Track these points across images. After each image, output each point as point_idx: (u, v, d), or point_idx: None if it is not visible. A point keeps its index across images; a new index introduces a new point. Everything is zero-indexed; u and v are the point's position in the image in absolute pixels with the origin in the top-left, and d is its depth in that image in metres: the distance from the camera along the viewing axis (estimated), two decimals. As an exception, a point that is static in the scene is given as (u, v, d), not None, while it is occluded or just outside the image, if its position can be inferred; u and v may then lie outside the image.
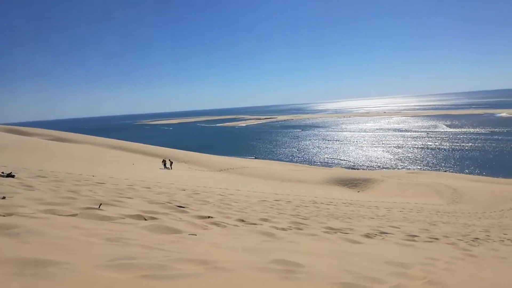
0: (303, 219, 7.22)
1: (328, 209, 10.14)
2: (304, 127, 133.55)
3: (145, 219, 4.71)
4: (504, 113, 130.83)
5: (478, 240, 7.16)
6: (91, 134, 69.78)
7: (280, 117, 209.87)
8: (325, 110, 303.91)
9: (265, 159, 64.71)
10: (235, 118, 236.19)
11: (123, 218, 4.50)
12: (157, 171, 28.42)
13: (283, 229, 5.47)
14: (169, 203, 6.72)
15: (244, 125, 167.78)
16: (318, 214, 8.55)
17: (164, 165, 33.35)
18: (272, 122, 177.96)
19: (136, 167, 29.36)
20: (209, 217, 5.64)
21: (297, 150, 78.65)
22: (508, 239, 7.96)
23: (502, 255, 5.65)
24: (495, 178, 40.55)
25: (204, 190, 12.44)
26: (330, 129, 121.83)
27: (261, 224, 5.59)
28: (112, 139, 59.03)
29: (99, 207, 5.04)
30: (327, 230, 5.88)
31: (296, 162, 62.70)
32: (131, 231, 3.84)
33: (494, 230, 9.55)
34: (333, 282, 2.92)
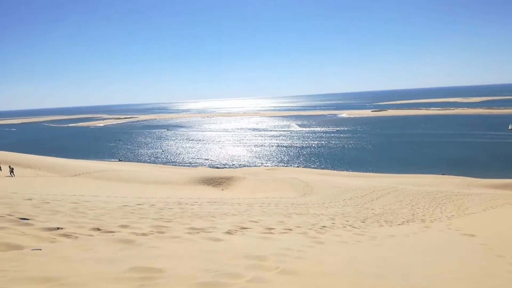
0: (166, 221, 7.07)
1: (192, 209, 10.15)
2: (168, 127, 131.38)
3: (-25, 238, 4.01)
4: (344, 114, 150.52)
5: (325, 227, 8.03)
6: None
7: (142, 117, 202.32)
8: (189, 110, 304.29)
9: (128, 161, 61.64)
10: (92, 117, 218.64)
11: None
12: (-5, 179, 24.47)
13: (144, 234, 5.27)
14: (10, 215, 5.84)
15: (102, 125, 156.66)
16: (183, 215, 8.49)
17: (11, 172, 28.89)
18: (133, 122, 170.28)
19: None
20: (58, 228, 5.09)
21: (162, 150, 76.95)
22: (350, 225, 9.13)
23: (344, 240, 6.46)
24: (339, 171, 46.36)
25: (55, 199, 11.18)
26: (194, 129, 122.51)
27: (120, 232, 5.28)
28: None
29: None
30: (190, 231, 5.87)
31: (161, 163, 61.29)
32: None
33: (338, 218, 10.87)
34: (192, 283, 2.93)
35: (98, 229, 5.36)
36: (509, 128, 78.76)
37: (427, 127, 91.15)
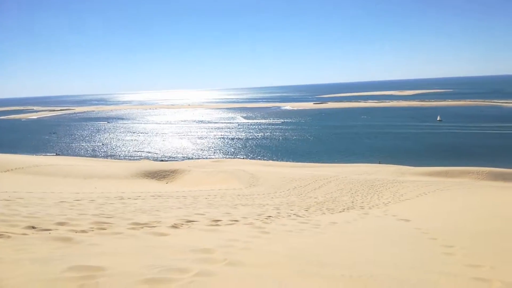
0: (107, 217, 6.78)
1: (135, 203, 9.83)
2: (108, 119, 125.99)
3: None
4: (288, 106, 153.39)
5: (271, 217, 8.14)
6: None
7: (79, 109, 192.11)
8: (130, 102, 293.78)
9: (66, 155, 58.37)
10: (23, 109, 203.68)
11: None
12: None
13: (84, 231, 5.01)
14: None
15: (35, 117, 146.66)
16: (125, 210, 8.19)
17: None
18: (69, 114, 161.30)
19: None
20: (-13, 228, 4.69)
21: (102, 144, 73.75)
22: (294, 214, 9.33)
23: (289, 229, 6.59)
24: (284, 162, 47.29)
25: (-17, 197, 10.32)
26: (136, 121, 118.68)
27: (57, 229, 4.98)
28: None
29: None
30: (133, 226, 5.68)
31: (101, 157, 58.75)
32: None
33: (283, 207, 11.08)
34: (136, 280, 2.84)
35: (33, 227, 5.01)
36: (437, 119, 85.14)
37: (365, 119, 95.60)
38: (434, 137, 64.14)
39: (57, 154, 60.24)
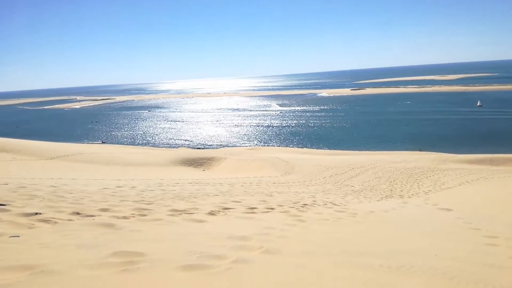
0: (147, 204, 6.99)
1: (174, 190, 10.07)
2: (147, 108, 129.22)
3: None
4: (324, 93, 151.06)
5: (307, 205, 8.10)
6: None
7: (119, 98, 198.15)
8: (167, 91, 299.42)
9: (110, 143, 60.66)
10: (67, 99, 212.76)
11: None
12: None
13: (125, 217, 5.19)
14: (-16, 202, 5.66)
15: (78, 107, 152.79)
16: (164, 197, 8.41)
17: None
18: (110, 103, 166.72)
19: None
20: (37, 213, 4.96)
21: (141, 132, 75.91)
22: (330, 202, 9.24)
23: (325, 217, 6.53)
24: (319, 150, 46.82)
25: (32, 182, 10.90)
26: (174, 110, 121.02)
27: (100, 215, 5.19)
28: None
29: None
30: (172, 213, 5.82)
31: (140, 144, 60.54)
32: None
33: (319, 196, 10.99)
34: (176, 266, 2.91)
35: (78, 213, 5.25)
36: (478, 104, 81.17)
37: (404, 105, 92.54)
38: (474, 123, 61.27)
39: (103, 142, 62.60)
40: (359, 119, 74.82)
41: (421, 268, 3.28)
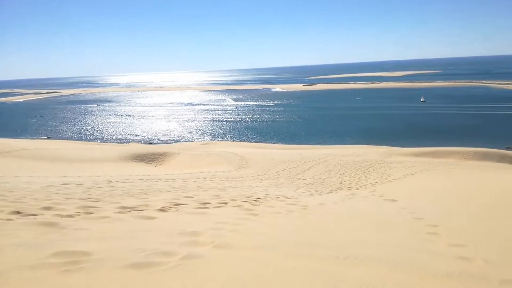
0: (94, 201, 6.73)
1: (123, 187, 9.77)
2: (96, 102, 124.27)
3: None
4: (278, 88, 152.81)
5: (260, 199, 8.16)
6: None
7: (66, 91, 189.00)
8: (117, 84, 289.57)
9: (55, 138, 57.67)
10: (10, 92, 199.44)
11: None
12: None
13: (70, 216, 4.96)
14: None
15: (21, 100, 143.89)
16: (112, 194, 8.14)
17: None
18: (56, 97, 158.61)
19: None
20: (-30, 214, 4.61)
21: (90, 127, 72.94)
22: (282, 196, 9.37)
23: (278, 210, 6.62)
24: (273, 144, 47.38)
25: (-32, 182, 10.15)
26: (124, 104, 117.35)
27: (42, 214, 4.92)
28: None
29: None
30: (121, 210, 5.65)
31: (90, 140, 58.19)
32: None
33: (272, 189, 11.13)
34: (122, 265, 2.82)
35: (18, 213, 4.95)
36: (421, 100, 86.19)
37: (354, 100, 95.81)
38: (419, 118, 64.89)
39: (48, 138, 59.49)
40: (311, 114, 76.51)
41: (366, 257, 3.40)
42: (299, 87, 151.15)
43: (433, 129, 54.81)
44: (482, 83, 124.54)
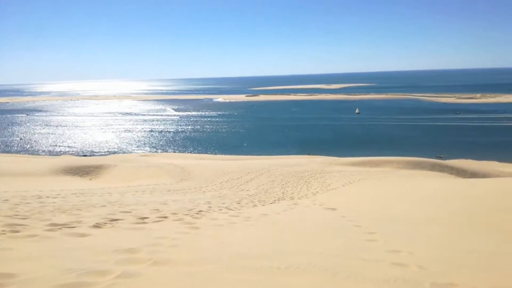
0: (22, 219, 6.22)
1: (54, 203, 9.15)
2: (25, 112, 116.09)
3: None
4: (220, 99, 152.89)
5: (202, 212, 8.02)
6: None
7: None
8: (48, 92, 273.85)
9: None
10: None
11: None
12: None
13: (-7, 235, 4.53)
14: None
15: None
16: (42, 210, 7.58)
17: None
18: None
19: None
20: None
21: (19, 138, 67.86)
22: (225, 207, 9.30)
23: (220, 223, 6.53)
24: (216, 155, 47.13)
25: None
26: (56, 113, 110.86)
27: (-40, 235, 4.45)
28: None
29: None
30: (51, 228, 5.27)
31: (18, 152, 54.04)
32: None
33: (215, 201, 11.00)
34: (51, 286, 2.61)
35: None
36: (356, 112, 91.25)
37: (294, 112, 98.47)
38: (354, 129, 68.27)
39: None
40: (254, 124, 77.35)
41: (307, 267, 3.45)
42: (241, 97, 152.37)
43: (368, 139, 57.88)
44: (413, 95, 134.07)
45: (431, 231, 6.49)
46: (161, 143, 61.88)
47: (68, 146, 60.31)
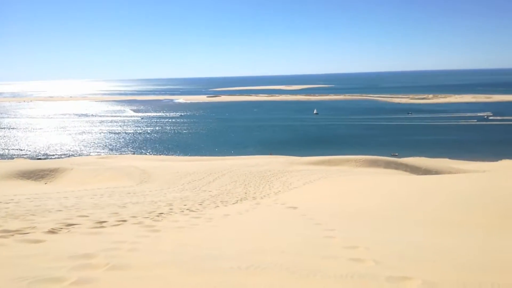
0: (-32, 227, 5.86)
1: (7, 208, 8.71)
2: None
3: None
4: (181, 99, 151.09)
5: (163, 214, 7.90)
6: None
7: None
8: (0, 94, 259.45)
9: None
10: None
11: None
12: None
13: None
14: None
15: None
16: (-8, 217, 7.18)
17: None
18: None
19: None
20: None
21: (-38, 142, 63.80)
22: (187, 209, 9.20)
23: (181, 225, 6.46)
24: (177, 156, 46.50)
25: None
26: (8, 115, 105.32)
27: None
28: None
29: None
30: (3, 234, 5.01)
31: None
32: None
33: (177, 203, 10.85)
34: (-1, 297, 2.49)
35: None
36: (314, 112, 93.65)
37: (255, 112, 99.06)
38: (313, 129, 69.76)
39: None
40: (215, 125, 77.06)
41: (268, 266, 3.48)
42: (202, 98, 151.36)
43: (327, 139, 59.31)
44: (369, 96, 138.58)
45: (388, 227, 6.74)
46: (119, 145, 60.30)
47: (22, 149, 57.52)
